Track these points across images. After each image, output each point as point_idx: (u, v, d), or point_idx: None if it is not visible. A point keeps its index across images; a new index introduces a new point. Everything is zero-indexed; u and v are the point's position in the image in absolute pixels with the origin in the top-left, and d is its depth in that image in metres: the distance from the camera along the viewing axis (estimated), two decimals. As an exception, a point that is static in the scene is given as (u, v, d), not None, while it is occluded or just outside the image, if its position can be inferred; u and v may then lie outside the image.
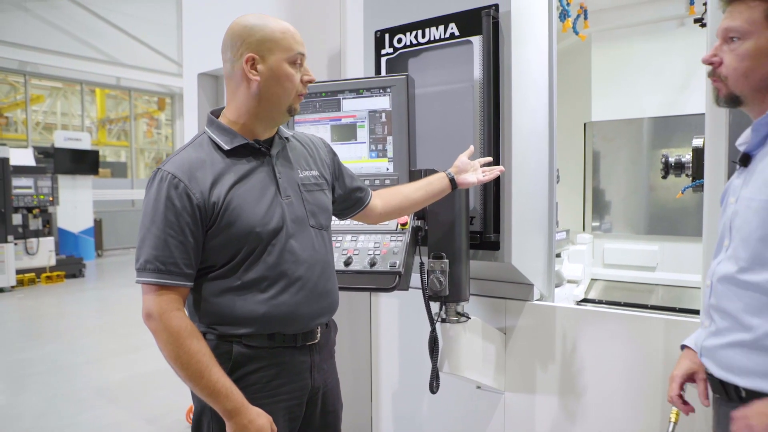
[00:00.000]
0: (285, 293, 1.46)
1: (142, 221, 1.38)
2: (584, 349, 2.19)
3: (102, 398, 4.21)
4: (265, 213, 1.45)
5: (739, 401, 1.22)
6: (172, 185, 1.36)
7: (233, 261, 1.43)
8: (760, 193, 1.19)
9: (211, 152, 1.44)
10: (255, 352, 1.45)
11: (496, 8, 2.05)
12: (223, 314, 1.43)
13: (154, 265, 1.35)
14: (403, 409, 2.73)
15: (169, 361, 1.35)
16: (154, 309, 1.34)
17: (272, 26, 1.44)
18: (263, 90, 1.44)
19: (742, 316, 1.21)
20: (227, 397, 1.35)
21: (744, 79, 1.24)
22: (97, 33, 13.02)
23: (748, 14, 1.22)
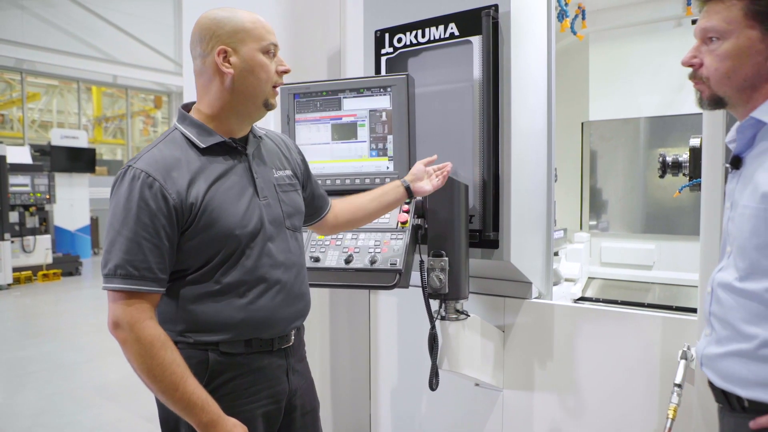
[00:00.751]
0: (263, 297, 1.42)
1: (110, 223, 1.29)
2: (582, 347, 2.21)
3: (101, 396, 4.21)
4: (244, 215, 1.39)
5: (743, 411, 1.20)
6: (146, 184, 1.28)
7: (209, 264, 1.36)
8: (751, 200, 1.17)
9: (185, 150, 1.37)
10: (232, 360, 1.39)
11: (495, 9, 2.06)
12: (199, 321, 1.36)
13: (126, 270, 1.26)
14: (402, 407, 2.75)
15: (140, 373, 1.27)
16: (124, 318, 1.26)
17: (241, 17, 1.39)
18: (238, 82, 1.38)
19: (741, 325, 1.19)
20: (203, 409, 1.28)
21: (726, 80, 1.20)
22: (94, 31, 12.98)
23: (725, 13, 1.18)
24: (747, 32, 1.16)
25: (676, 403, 1.75)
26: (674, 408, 1.74)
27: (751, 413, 1.17)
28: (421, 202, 2.01)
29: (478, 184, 2.12)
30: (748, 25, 1.16)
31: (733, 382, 1.20)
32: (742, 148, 1.25)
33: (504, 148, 2.09)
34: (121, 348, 1.29)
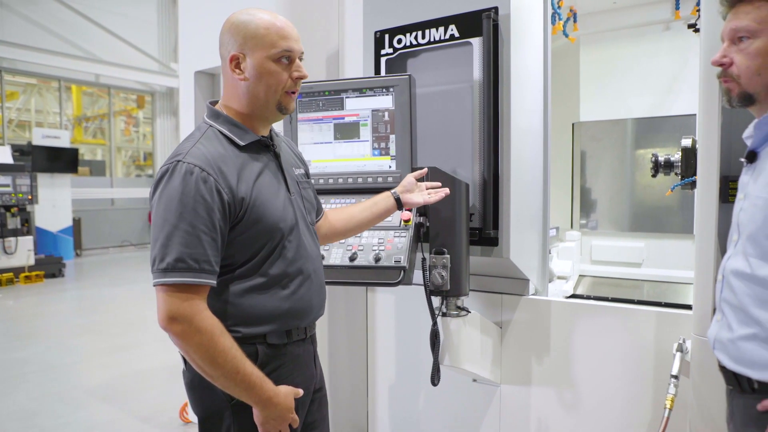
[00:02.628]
0: (302, 287, 1.49)
1: (164, 217, 1.29)
2: (578, 342, 2.26)
3: (94, 397, 4.18)
4: (283, 209, 1.46)
5: (752, 393, 1.27)
6: (200, 179, 1.30)
7: (255, 258, 1.41)
8: (764, 191, 1.24)
9: (226, 146, 1.41)
10: (277, 351, 1.45)
11: (496, 11, 2.11)
12: (247, 314, 1.40)
13: (187, 263, 1.27)
14: (400, 403, 2.78)
15: (202, 363, 1.29)
16: (183, 311, 1.27)
17: (257, 23, 1.41)
18: (249, 89, 1.43)
19: (752, 310, 1.26)
20: (261, 386, 1.35)
21: (757, 77, 1.28)
22: (77, 29, 12.82)
23: (755, 13, 1.26)
24: None
25: (674, 394, 1.81)
26: (671, 398, 1.80)
27: (760, 394, 1.25)
28: (424, 201, 2.04)
29: (478, 182, 2.16)
30: None
31: (744, 364, 1.28)
32: (758, 143, 1.33)
33: (503, 148, 2.14)
34: (178, 341, 1.29)
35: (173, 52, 14.67)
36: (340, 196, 2.16)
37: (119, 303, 7.67)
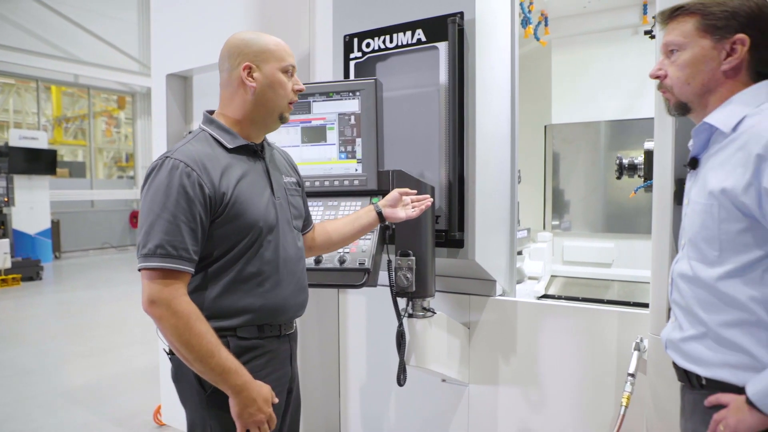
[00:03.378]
0: (278, 287, 1.56)
1: (150, 207, 1.40)
2: (544, 342, 2.30)
3: (69, 401, 4.14)
4: (265, 209, 1.54)
5: (701, 389, 1.32)
6: (184, 173, 1.41)
7: (231, 252, 1.49)
8: (700, 197, 1.30)
9: (214, 148, 1.52)
10: (248, 343, 1.52)
11: (461, 16, 2.14)
12: (221, 308, 1.48)
13: (166, 250, 1.37)
14: (371, 404, 2.80)
15: (178, 344, 1.37)
16: (161, 295, 1.36)
17: (266, 40, 1.57)
18: (259, 95, 1.55)
19: (698, 312, 1.31)
20: (236, 372, 1.41)
21: (687, 86, 1.35)
22: (55, 29, 12.66)
23: (681, 28, 1.34)
24: (700, 42, 1.32)
25: (630, 392, 1.86)
26: (627, 396, 1.84)
27: (708, 390, 1.30)
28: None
29: (444, 185, 2.19)
30: (701, 36, 1.32)
31: (694, 362, 1.33)
32: (698, 150, 1.38)
33: (469, 151, 2.17)
34: (157, 324, 1.38)
35: (154, 53, 14.50)
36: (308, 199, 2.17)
37: (97, 306, 7.60)
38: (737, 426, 1.19)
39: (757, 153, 1.17)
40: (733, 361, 1.25)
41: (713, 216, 1.26)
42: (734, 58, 1.30)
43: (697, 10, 1.32)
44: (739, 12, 1.28)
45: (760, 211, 1.18)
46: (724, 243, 1.25)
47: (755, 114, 1.25)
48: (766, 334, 1.20)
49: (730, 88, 1.32)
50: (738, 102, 1.29)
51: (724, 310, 1.26)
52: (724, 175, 1.24)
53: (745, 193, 1.19)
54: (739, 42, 1.29)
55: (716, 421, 1.25)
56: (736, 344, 1.24)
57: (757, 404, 1.16)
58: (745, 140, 1.22)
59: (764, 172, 1.16)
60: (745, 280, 1.22)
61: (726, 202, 1.23)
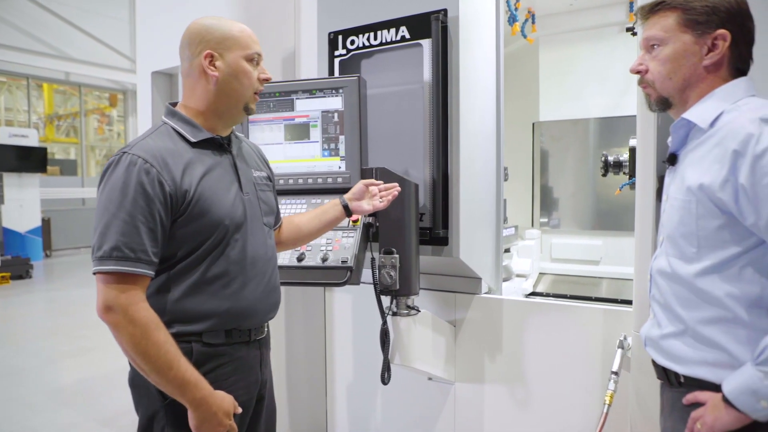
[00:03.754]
0: (246, 288, 1.48)
1: (105, 206, 1.31)
2: (530, 340, 2.30)
3: (54, 401, 4.12)
4: (232, 206, 1.46)
5: (679, 386, 1.32)
6: (143, 170, 1.31)
7: (196, 253, 1.40)
8: (679, 193, 1.30)
9: (177, 142, 1.43)
10: (214, 350, 1.43)
11: (444, 13, 2.13)
12: (185, 311, 1.40)
13: (122, 252, 1.28)
14: (358, 403, 2.80)
15: (135, 355, 1.28)
16: (118, 301, 1.27)
17: (230, 26, 1.48)
18: (222, 85, 1.46)
19: (677, 309, 1.31)
20: (196, 385, 1.33)
21: (669, 81, 1.35)
22: (46, 26, 12.58)
23: (662, 23, 1.33)
24: (682, 37, 1.32)
25: (613, 390, 1.86)
26: (611, 394, 1.84)
27: (686, 387, 1.30)
28: (373, 201, 2.05)
29: (429, 183, 2.18)
30: (682, 31, 1.32)
31: (672, 360, 1.33)
32: (676, 146, 1.38)
33: (453, 149, 2.16)
34: (113, 332, 1.29)
35: (145, 50, 14.44)
36: (290, 197, 2.16)
37: (87, 304, 7.55)
38: (714, 424, 1.19)
39: (734, 149, 1.17)
40: (711, 358, 1.25)
41: (691, 212, 1.26)
42: (715, 54, 1.30)
43: (678, 5, 1.31)
44: (720, 7, 1.28)
45: (736, 207, 1.18)
46: (702, 239, 1.25)
47: (732, 110, 1.25)
48: (744, 332, 1.20)
49: (711, 84, 1.31)
50: (716, 98, 1.29)
51: (703, 307, 1.25)
52: (701, 171, 1.24)
53: (722, 189, 1.19)
54: (720, 38, 1.28)
55: (694, 419, 1.25)
56: (713, 341, 1.24)
57: (733, 402, 1.16)
58: (722, 136, 1.22)
59: (741, 168, 1.16)
60: (723, 277, 1.22)
61: (704, 198, 1.23)
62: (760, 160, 1.13)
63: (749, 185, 1.14)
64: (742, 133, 1.16)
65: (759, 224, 1.15)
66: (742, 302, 1.20)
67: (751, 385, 1.14)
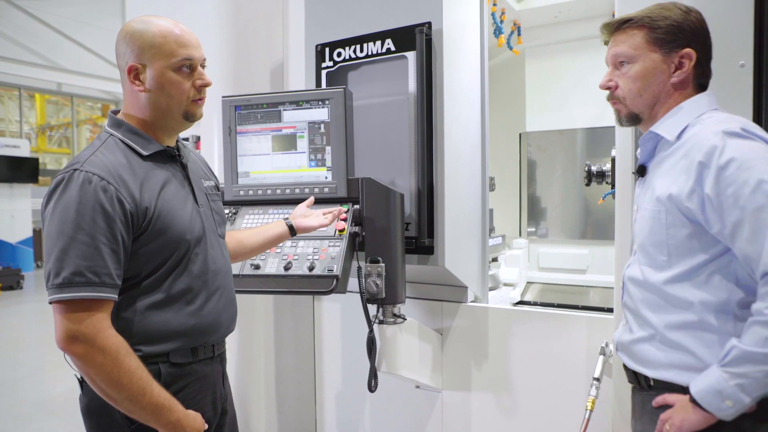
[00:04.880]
0: (209, 303, 1.44)
1: (60, 229, 1.21)
2: (515, 348, 2.32)
3: (44, 411, 4.11)
4: (190, 220, 1.41)
5: (649, 389, 1.37)
6: (99, 188, 1.23)
7: (159, 271, 1.35)
8: (649, 203, 1.35)
9: (128, 156, 1.35)
10: (181, 370, 1.39)
11: (429, 26, 2.17)
12: (151, 331, 1.33)
13: (86, 277, 1.20)
14: (347, 410, 2.81)
15: (104, 384, 1.22)
16: (85, 330, 1.19)
17: (153, 31, 1.35)
18: (150, 100, 1.37)
19: (646, 314, 1.36)
20: (170, 409, 1.29)
21: (639, 98, 1.40)
22: (38, 37, 12.58)
23: (631, 41, 1.38)
24: (651, 55, 1.37)
25: (594, 396, 1.89)
26: (592, 400, 1.87)
27: (656, 390, 1.35)
28: (359, 211, 2.08)
29: (414, 192, 2.22)
30: (651, 49, 1.37)
31: (642, 364, 1.37)
32: (645, 158, 1.44)
33: (438, 159, 2.20)
34: (79, 363, 1.22)
35: (138, 61, 14.46)
36: (278, 207, 2.19)
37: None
38: (682, 424, 1.23)
39: (699, 161, 1.21)
40: (679, 361, 1.29)
41: (661, 222, 1.30)
42: (682, 72, 1.35)
43: (645, 23, 1.36)
44: (684, 27, 1.34)
45: (703, 216, 1.22)
46: (671, 248, 1.29)
47: (696, 123, 1.30)
48: (711, 336, 1.24)
49: (677, 99, 1.37)
50: (682, 112, 1.34)
51: (671, 312, 1.30)
52: (669, 181, 1.29)
53: (689, 199, 1.23)
54: (686, 56, 1.34)
55: (663, 420, 1.28)
56: (681, 345, 1.28)
57: (700, 402, 1.20)
58: (688, 148, 1.26)
59: (706, 178, 1.20)
60: (693, 283, 1.27)
61: (672, 208, 1.27)
62: (724, 171, 1.18)
63: (714, 195, 1.19)
64: (707, 145, 1.21)
65: (723, 232, 1.20)
66: (710, 308, 1.25)
67: (717, 386, 1.18)
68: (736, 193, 1.17)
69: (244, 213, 2.21)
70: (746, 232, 1.16)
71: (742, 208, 1.16)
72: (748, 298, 1.23)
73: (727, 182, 1.17)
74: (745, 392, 1.16)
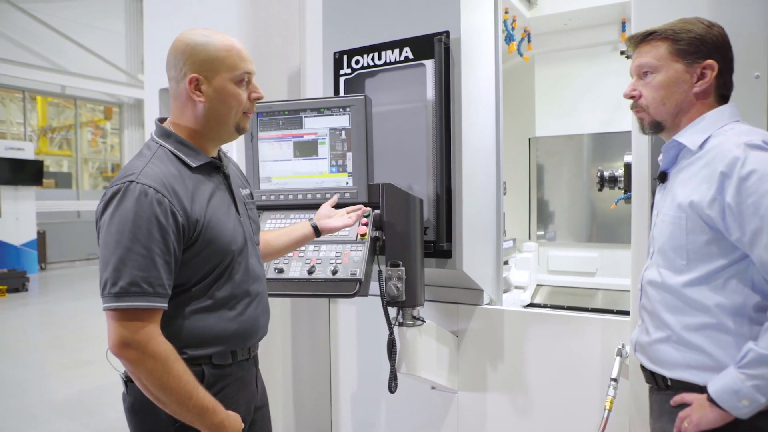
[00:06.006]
0: (249, 309, 1.51)
1: (117, 239, 1.26)
2: (530, 349, 2.37)
3: (55, 413, 4.14)
4: (233, 230, 1.47)
5: (666, 389, 1.42)
6: (155, 201, 1.28)
7: (205, 279, 1.41)
8: (670, 209, 1.40)
9: (178, 167, 1.40)
10: (222, 372, 1.45)
11: (447, 35, 2.22)
12: (195, 336, 1.40)
13: (141, 287, 1.25)
14: (362, 411, 2.85)
15: (155, 389, 1.28)
16: (137, 338, 1.25)
17: (216, 44, 1.41)
18: (209, 111, 1.42)
19: (664, 315, 1.41)
20: (214, 411, 1.35)
21: (662, 106, 1.45)
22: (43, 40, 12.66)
23: (654, 52, 1.44)
24: (674, 66, 1.43)
25: (612, 396, 1.93)
26: (611, 400, 1.92)
27: (674, 390, 1.40)
28: (380, 216, 2.13)
29: (432, 197, 2.27)
30: (674, 60, 1.43)
31: (660, 364, 1.43)
32: (667, 165, 1.50)
33: (456, 164, 2.25)
34: (131, 367, 1.28)
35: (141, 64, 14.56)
36: (299, 212, 2.24)
37: (84, 317, 7.56)
38: (700, 421, 1.29)
39: (721, 171, 1.27)
40: (695, 362, 1.35)
41: (681, 227, 1.35)
42: (704, 82, 1.41)
43: (668, 36, 1.42)
44: (707, 39, 1.39)
45: (723, 224, 1.28)
46: (691, 252, 1.35)
47: (719, 134, 1.35)
48: (727, 338, 1.30)
49: (700, 109, 1.42)
50: (705, 123, 1.39)
51: (689, 314, 1.35)
52: (691, 189, 1.34)
53: (710, 207, 1.29)
54: (708, 67, 1.40)
55: (681, 418, 1.34)
56: (698, 347, 1.34)
57: (717, 401, 1.27)
58: (710, 158, 1.32)
59: (727, 188, 1.26)
60: (710, 287, 1.33)
61: (693, 215, 1.33)
62: (745, 181, 1.24)
63: (735, 204, 1.25)
64: (729, 156, 1.27)
65: (743, 240, 1.26)
66: (727, 311, 1.30)
67: (734, 386, 1.25)
68: (756, 203, 1.23)
69: (266, 217, 2.26)
70: (765, 239, 1.23)
71: (761, 217, 1.23)
72: (763, 302, 1.29)
73: (748, 192, 1.23)
74: (760, 392, 1.23)
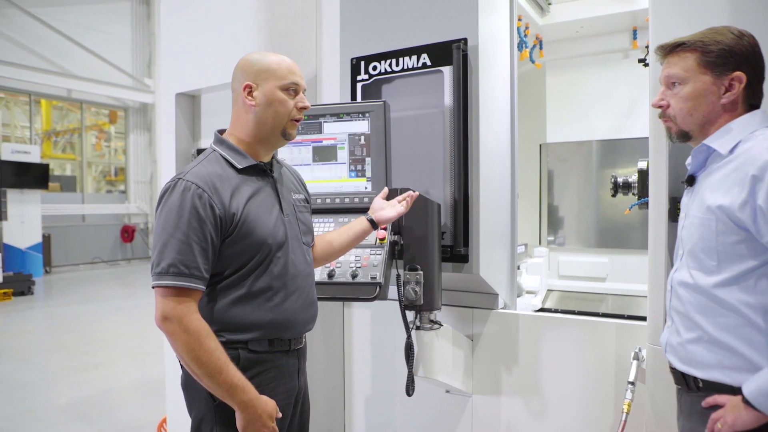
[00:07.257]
0: (287, 301, 1.62)
1: (163, 227, 1.47)
2: (544, 353, 2.39)
3: (67, 415, 4.16)
4: (274, 227, 1.61)
5: (698, 391, 1.44)
6: (196, 195, 1.47)
7: (243, 270, 1.55)
8: (699, 211, 1.43)
9: (225, 168, 1.59)
10: (258, 357, 1.58)
11: (465, 42, 2.25)
12: (232, 321, 1.55)
13: (178, 268, 1.44)
14: (376, 414, 2.86)
15: (189, 361, 1.43)
16: (174, 312, 1.43)
17: (270, 58, 1.63)
18: (259, 114, 1.61)
19: (695, 316, 1.43)
20: (243, 389, 1.47)
21: (690, 117, 1.48)
22: (49, 44, 12.73)
23: (683, 63, 1.46)
24: (701, 77, 1.44)
25: (630, 399, 1.95)
26: (628, 403, 1.94)
27: (705, 392, 1.41)
28: (398, 220, 2.15)
29: (449, 202, 2.29)
30: (702, 71, 1.44)
31: (691, 365, 1.44)
32: (695, 168, 1.52)
33: (473, 170, 2.27)
34: (169, 339, 1.45)
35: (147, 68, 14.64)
36: (318, 216, 2.26)
37: (90, 320, 7.59)
38: (734, 423, 1.30)
39: (752, 174, 1.30)
40: (728, 363, 1.36)
41: (711, 229, 1.38)
42: (732, 94, 1.43)
43: (697, 47, 1.44)
44: (736, 50, 1.41)
45: (754, 226, 1.30)
46: (721, 254, 1.37)
47: (749, 139, 1.38)
48: (759, 338, 1.32)
49: (727, 120, 1.45)
50: (732, 132, 1.42)
51: (721, 315, 1.37)
52: (721, 193, 1.36)
53: (741, 210, 1.31)
54: (737, 79, 1.42)
55: (714, 419, 1.35)
56: (731, 347, 1.36)
57: (753, 402, 1.27)
58: (741, 162, 1.34)
59: (759, 191, 1.28)
60: (741, 288, 1.35)
61: (723, 217, 1.35)
62: None
63: (766, 207, 1.27)
64: (761, 160, 1.29)
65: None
66: (758, 311, 1.32)
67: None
68: None
69: (285, 221, 2.29)
70: None
71: None
72: None
73: None
74: None
